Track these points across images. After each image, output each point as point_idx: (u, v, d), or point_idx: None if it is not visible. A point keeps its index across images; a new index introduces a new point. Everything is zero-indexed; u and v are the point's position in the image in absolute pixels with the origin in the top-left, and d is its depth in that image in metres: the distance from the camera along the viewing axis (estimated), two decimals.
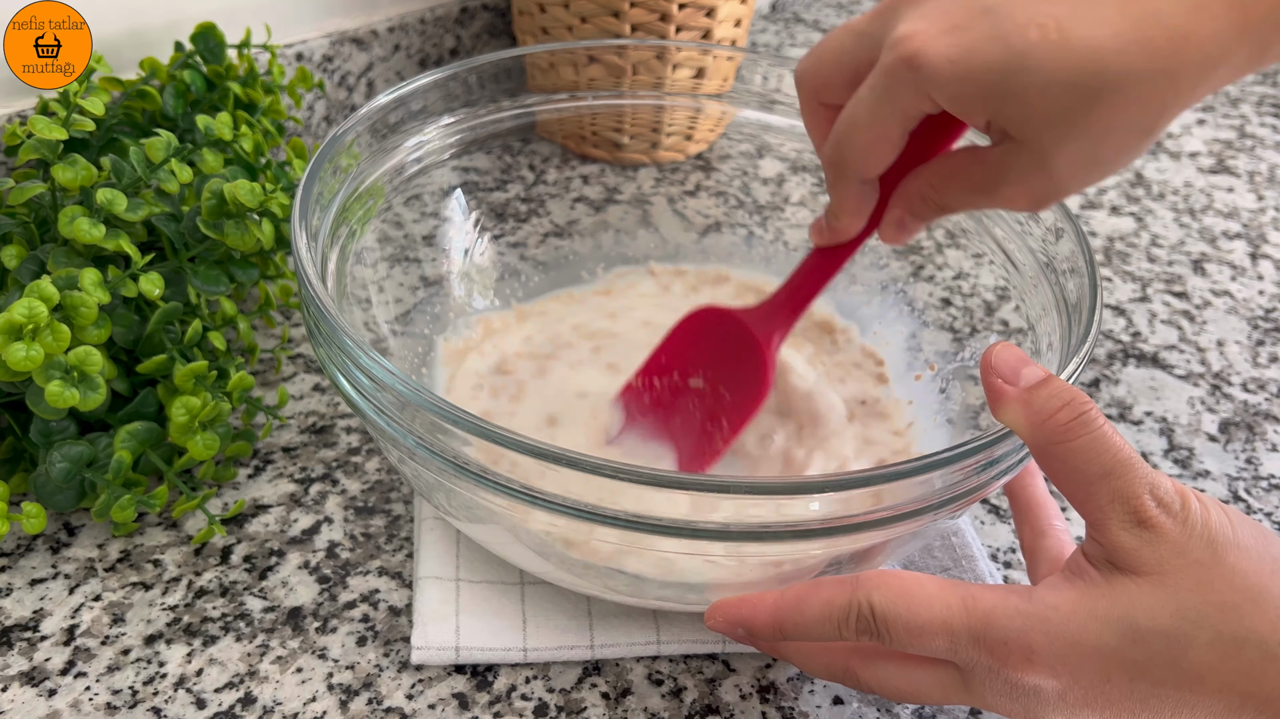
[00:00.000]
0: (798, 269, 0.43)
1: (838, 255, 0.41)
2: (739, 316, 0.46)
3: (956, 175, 0.35)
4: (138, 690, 0.37)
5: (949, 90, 0.31)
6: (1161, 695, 0.29)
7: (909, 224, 0.38)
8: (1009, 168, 0.32)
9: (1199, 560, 0.29)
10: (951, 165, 0.35)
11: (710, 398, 0.46)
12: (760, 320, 0.45)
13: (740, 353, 0.45)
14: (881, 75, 0.32)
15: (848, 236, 0.40)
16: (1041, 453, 0.31)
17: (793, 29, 1.05)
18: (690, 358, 0.47)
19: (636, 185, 0.63)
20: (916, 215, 0.37)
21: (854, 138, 0.34)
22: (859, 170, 0.35)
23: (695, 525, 0.32)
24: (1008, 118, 0.30)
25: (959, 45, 0.30)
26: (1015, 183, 0.32)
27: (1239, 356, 0.61)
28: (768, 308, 0.44)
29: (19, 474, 0.43)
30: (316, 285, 0.35)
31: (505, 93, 0.52)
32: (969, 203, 0.35)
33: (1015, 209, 0.34)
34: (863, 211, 0.38)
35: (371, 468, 0.47)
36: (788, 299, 0.44)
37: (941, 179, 0.35)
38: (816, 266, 0.42)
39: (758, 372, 0.45)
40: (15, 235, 0.43)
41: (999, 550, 0.47)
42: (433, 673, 0.39)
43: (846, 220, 0.38)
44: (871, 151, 0.34)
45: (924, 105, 0.32)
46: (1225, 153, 0.87)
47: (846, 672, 0.35)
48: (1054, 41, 0.28)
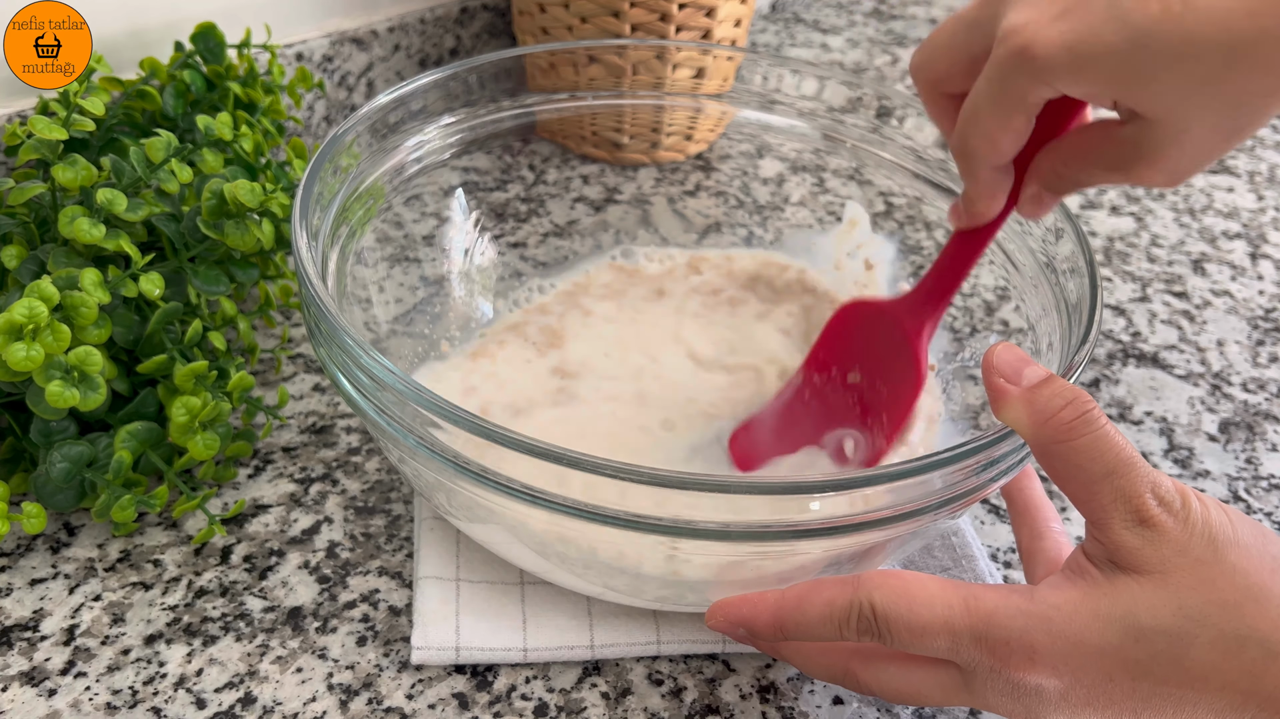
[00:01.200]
0: (941, 255, 0.42)
1: (979, 237, 0.41)
2: (888, 309, 0.45)
3: (1090, 152, 0.34)
4: (138, 690, 0.37)
5: (1069, 78, 0.30)
6: (1164, 694, 0.29)
7: (1046, 199, 0.37)
8: (1143, 145, 0.31)
9: (1200, 559, 0.29)
10: (1085, 142, 0.34)
11: (868, 393, 0.46)
12: (910, 310, 0.44)
13: (893, 345, 0.45)
14: (997, 68, 0.31)
15: (986, 220, 0.39)
16: (1043, 452, 0.31)
17: (793, 29, 1.05)
18: (846, 354, 0.47)
19: (636, 185, 0.63)
20: (1053, 190, 0.36)
21: (978, 129, 0.34)
22: (988, 159, 0.35)
23: (695, 525, 0.32)
24: (1136, 98, 0.30)
25: (1074, 30, 0.29)
26: (1152, 160, 0.31)
27: (1239, 357, 0.61)
28: (915, 297, 0.44)
29: (19, 474, 0.43)
30: (317, 285, 0.35)
31: (505, 93, 0.52)
32: (1104, 179, 0.34)
33: (1152, 185, 0.33)
34: (998, 196, 0.37)
35: (371, 468, 0.47)
36: (934, 286, 0.43)
37: (1075, 157, 0.34)
38: (959, 250, 0.42)
39: (911, 363, 0.44)
40: (15, 235, 0.43)
41: (999, 550, 0.47)
42: (433, 673, 0.39)
43: (983, 205, 0.38)
44: (997, 141, 0.34)
45: (1045, 93, 0.31)
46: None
47: (846, 673, 0.35)
48: (1178, 14, 0.27)
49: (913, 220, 0.53)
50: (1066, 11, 0.29)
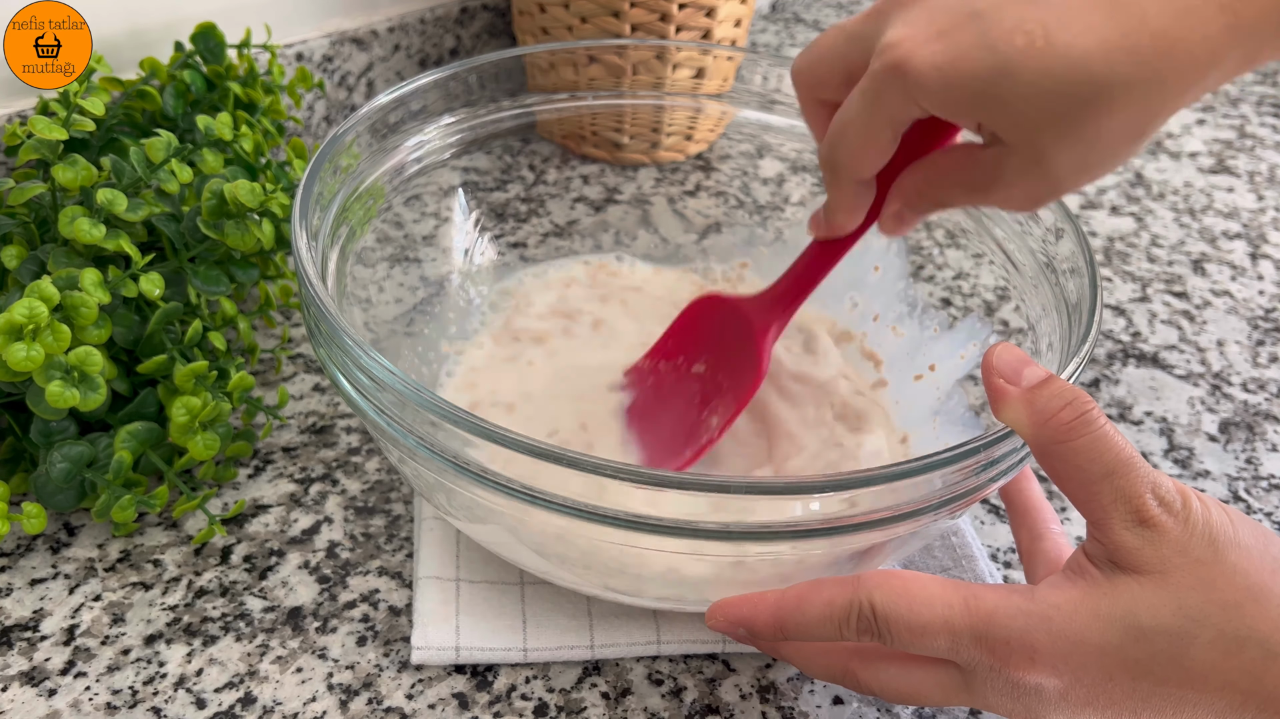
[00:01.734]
0: (797, 261, 0.44)
1: (836, 248, 0.42)
2: (740, 305, 0.46)
3: (952, 173, 0.35)
4: (138, 690, 0.37)
5: (936, 97, 0.31)
6: (1164, 694, 0.29)
7: (907, 217, 0.38)
8: (1002, 169, 0.32)
9: (1201, 559, 0.29)
10: (947, 163, 0.35)
11: (709, 384, 0.47)
12: (759, 310, 0.45)
13: (739, 341, 0.46)
14: (870, 81, 0.32)
15: (845, 232, 0.40)
16: (1043, 452, 0.31)
17: (793, 29, 1.05)
18: (693, 344, 0.48)
19: (636, 185, 0.63)
20: (914, 209, 0.37)
21: (846, 141, 0.35)
22: (853, 171, 0.36)
23: (695, 525, 0.32)
24: (997, 124, 0.31)
25: (945, 52, 0.30)
26: (1009, 184, 0.32)
27: (1239, 357, 0.61)
28: (767, 298, 0.45)
29: (19, 474, 0.43)
30: (317, 285, 0.35)
31: (505, 93, 0.52)
32: (965, 200, 0.35)
33: (1010, 209, 0.34)
34: (859, 209, 0.38)
35: (371, 468, 0.47)
36: (786, 290, 0.44)
37: (938, 176, 0.35)
38: (815, 259, 0.43)
39: (753, 361, 0.45)
40: (15, 235, 0.43)
41: (999, 550, 0.47)
42: (433, 673, 0.39)
43: (843, 217, 0.39)
44: (864, 155, 0.35)
45: (913, 111, 0.32)
46: (1225, 153, 0.87)
47: (846, 673, 0.35)
48: (1040, 49, 0.28)
49: None
50: (941, 34, 0.30)
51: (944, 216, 0.51)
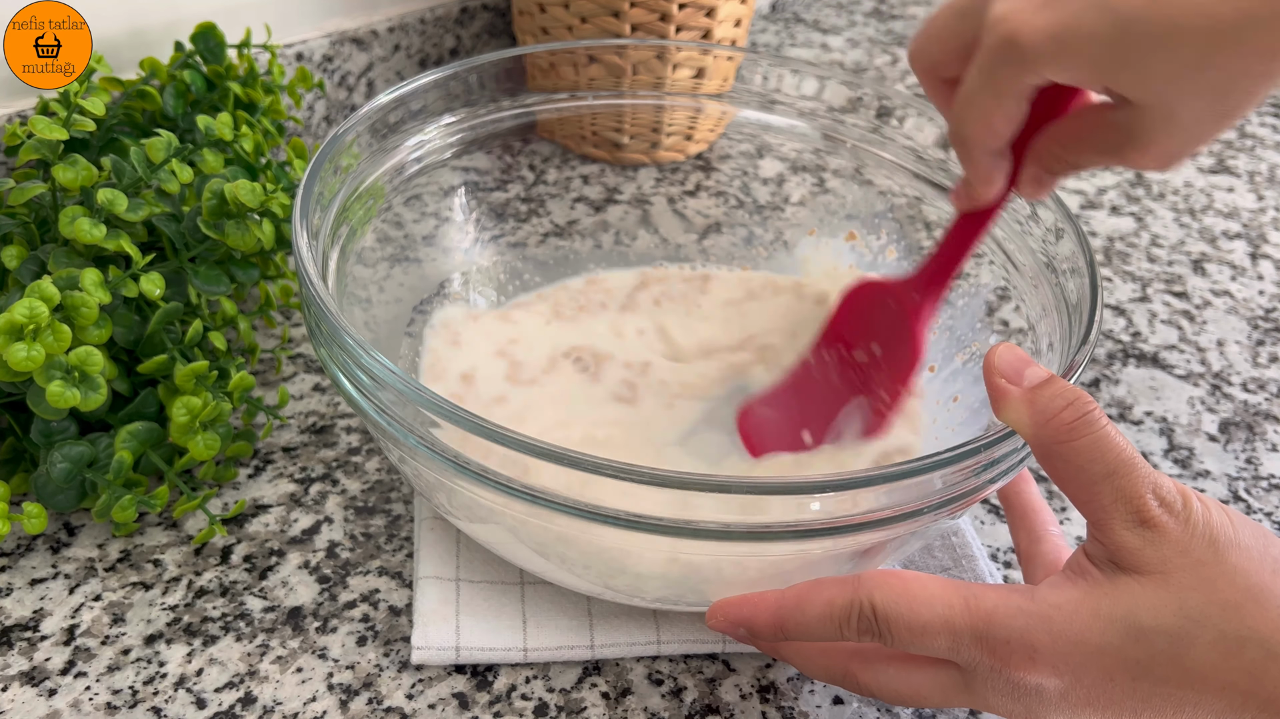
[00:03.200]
0: (944, 236, 0.43)
1: (980, 219, 0.41)
2: (893, 288, 0.46)
3: (1085, 136, 0.34)
4: (138, 690, 0.37)
5: (1055, 65, 0.30)
6: (1164, 694, 0.29)
7: (1046, 181, 0.37)
8: (1133, 130, 0.31)
9: (1201, 560, 0.29)
10: (1080, 126, 0.34)
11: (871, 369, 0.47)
12: (911, 290, 0.45)
13: (894, 324, 0.45)
14: (986, 57, 0.32)
15: (986, 202, 0.39)
16: (1044, 453, 0.31)
17: (793, 29, 1.05)
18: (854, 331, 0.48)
19: (636, 185, 0.63)
20: (1051, 173, 0.37)
21: (972, 116, 0.34)
22: (982, 144, 0.35)
23: (695, 525, 0.32)
24: (1123, 84, 0.30)
25: (1059, 19, 0.29)
26: (1144, 145, 0.32)
27: (1239, 357, 0.61)
28: (918, 277, 0.44)
29: (20, 474, 0.43)
30: (318, 285, 0.35)
31: (505, 93, 0.52)
32: (1100, 161, 0.34)
33: (1147, 169, 0.33)
34: (996, 179, 0.38)
35: (371, 468, 0.47)
36: (936, 267, 0.43)
37: (1071, 140, 0.35)
38: (961, 232, 0.42)
39: (909, 341, 0.45)
40: (16, 235, 0.43)
41: (999, 550, 0.47)
42: (433, 673, 0.39)
43: (981, 188, 0.38)
44: (990, 128, 0.34)
45: (1034, 80, 0.31)
46: (1225, 153, 0.87)
47: (846, 674, 0.35)
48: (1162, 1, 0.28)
49: (913, 220, 0.53)
50: (1052, 0, 0.30)
51: (944, 216, 0.51)
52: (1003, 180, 0.38)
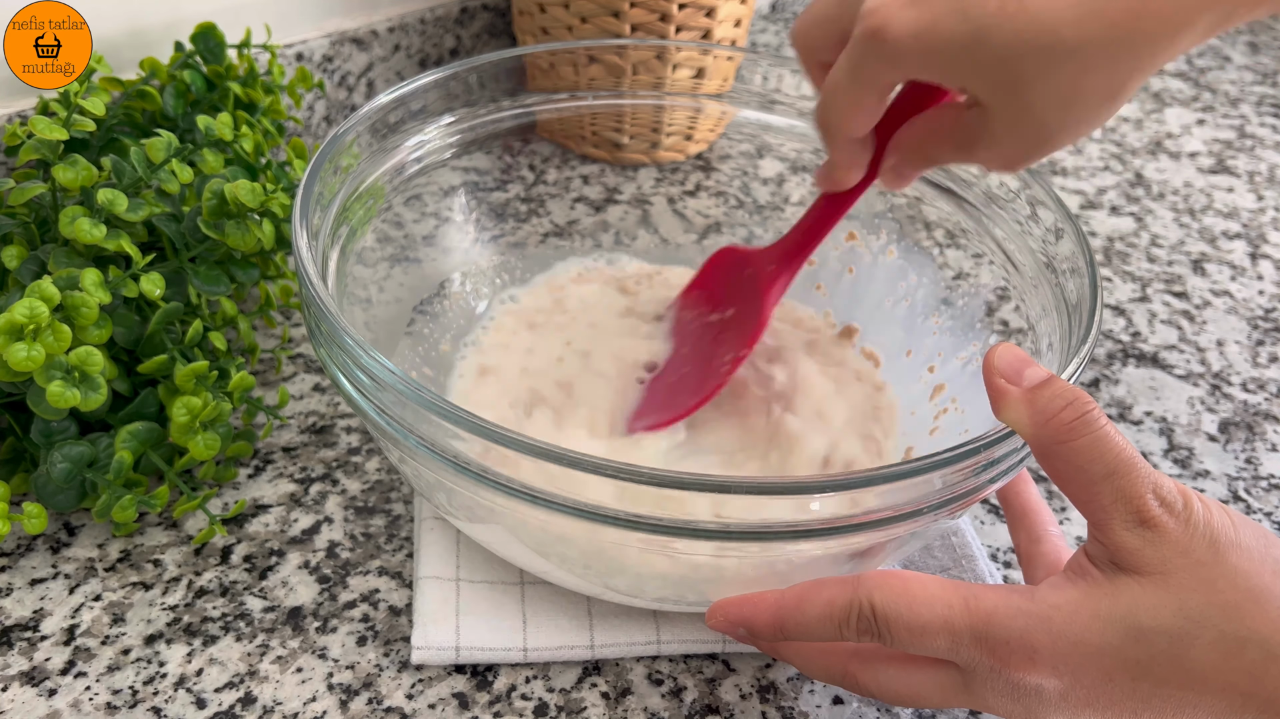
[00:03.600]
0: (806, 214, 0.45)
1: (842, 201, 0.43)
2: (753, 257, 0.47)
3: (942, 132, 0.36)
4: (138, 690, 0.37)
5: (914, 63, 0.31)
6: (1164, 695, 0.29)
7: (904, 172, 0.39)
8: (986, 129, 0.33)
9: (1201, 560, 0.29)
10: (938, 122, 0.36)
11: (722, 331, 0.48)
12: (769, 261, 0.46)
13: (748, 289, 0.47)
14: (853, 47, 0.33)
15: (848, 185, 0.41)
16: (1044, 453, 0.31)
17: None
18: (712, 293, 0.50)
19: (636, 185, 0.63)
20: (910, 165, 0.38)
21: (836, 103, 0.35)
22: (844, 131, 0.37)
23: (695, 525, 0.32)
24: (975, 87, 0.31)
25: (920, 19, 0.30)
26: (993, 144, 0.33)
27: (1239, 357, 0.61)
28: (777, 250, 0.46)
29: (20, 474, 0.43)
30: (318, 285, 0.35)
31: (505, 93, 0.52)
32: (955, 157, 0.36)
33: (996, 169, 0.35)
34: (857, 165, 0.39)
35: (371, 468, 0.47)
36: (795, 242, 0.45)
37: (929, 134, 0.36)
38: (823, 212, 0.44)
39: (756, 310, 0.46)
40: (16, 236, 0.43)
41: (999, 550, 0.47)
42: (433, 673, 0.39)
43: (842, 173, 0.40)
44: (852, 116, 0.35)
45: (894, 75, 0.33)
46: (1225, 153, 0.87)
47: (845, 674, 0.35)
48: (1012, 13, 0.29)
49: (913, 220, 0.53)
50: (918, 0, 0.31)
51: (944, 216, 0.51)
52: (862, 168, 0.39)
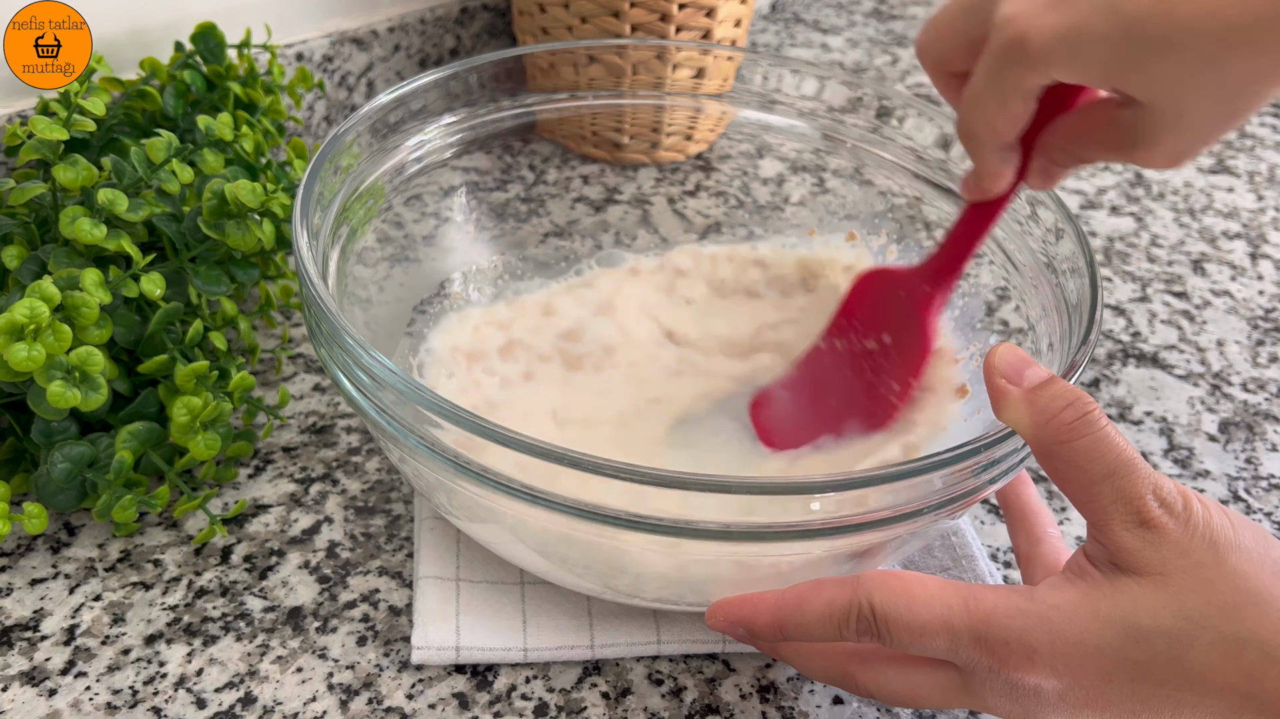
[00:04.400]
0: (954, 226, 0.43)
1: (990, 209, 0.41)
2: (904, 277, 0.45)
3: (1094, 132, 0.34)
4: (138, 690, 0.37)
5: (1062, 67, 0.30)
6: (1163, 696, 0.29)
7: (1054, 173, 0.38)
8: (1141, 129, 0.32)
9: (1201, 562, 0.29)
10: (1088, 122, 0.35)
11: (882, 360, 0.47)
12: (921, 280, 0.45)
13: (905, 314, 0.45)
14: (993, 58, 0.32)
15: (995, 194, 0.39)
16: (1044, 453, 0.31)
17: (793, 29, 1.05)
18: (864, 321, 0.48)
19: (636, 185, 0.63)
20: (1060, 165, 0.37)
21: (979, 115, 0.34)
22: (990, 141, 0.35)
23: (695, 525, 0.32)
24: (1131, 86, 0.30)
25: (1066, 21, 0.29)
26: (1150, 144, 0.32)
27: (1239, 356, 0.61)
28: (929, 266, 0.44)
29: (20, 474, 0.43)
30: (318, 285, 0.35)
31: (505, 92, 0.52)
32: (1108, 157, 0.35)
33: (1153, 167, 0.33)
34: (1004, 173, 0.38)
35: (371, 468, 0.47)
36: (947, 257, 0.43)
37: (1080, 135, 0.35)
38: (971, 222, 0.42)
39: (919, 332, 0.45)
40: (16, 236, 0.43)
41: (999, 550, 0.47)
42: (433, 673, 0.39)
43: (989, 181, 0.38)
44: (998, 125, 0.34)
45: (1040, 81, 0.32)
46: (1225, 153, 0.87)
47: (845, 675, 0.35)
48: (1169, 2, 0.28)
49: (913, 220, 0.53)
50: (1059, 2, 0.30)
51: (944, 216, 0.51)
52: (1011, 174, 0.38)
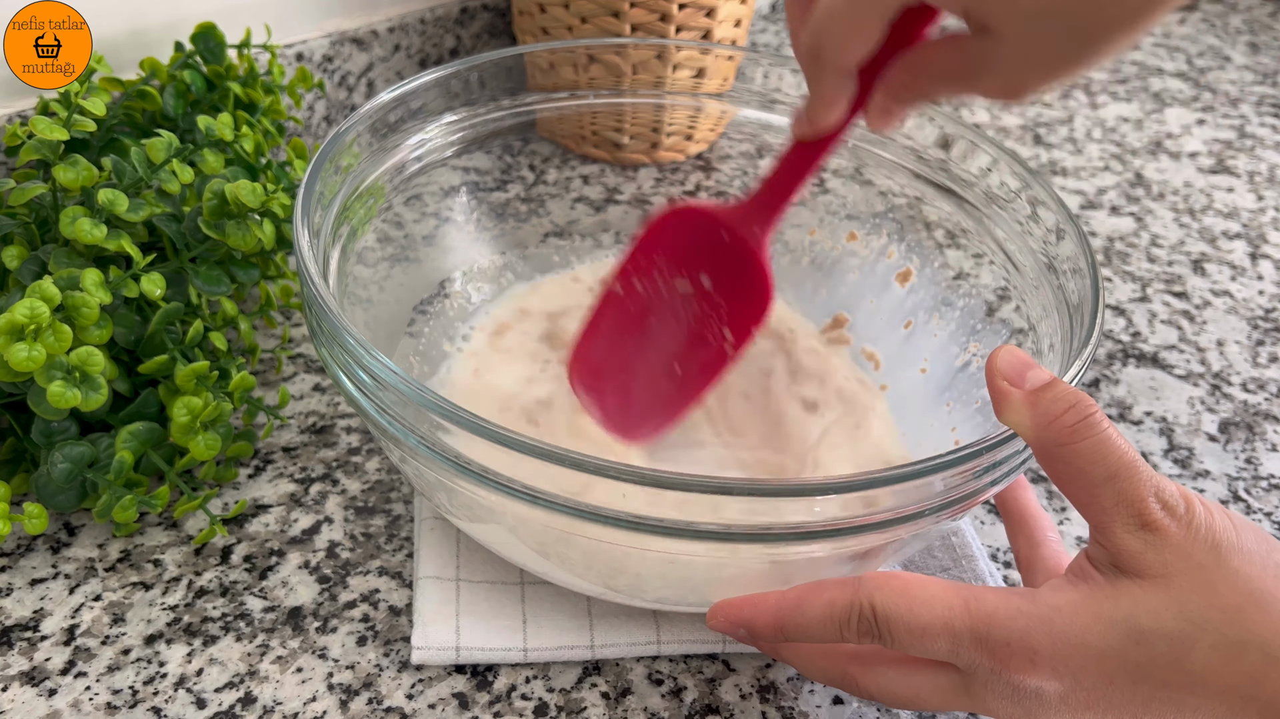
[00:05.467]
0: (778, 163, 0.41)
1: (818, 148, 0.40)
2: (721, 215, 0.43)
3: (936, 64, 0.33)
4: (138, 690, 0.37)
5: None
6: (1164, 698, 0.29)
7: (894, 110, 0.36)
8: (989, 58, 0.31)
9: (1203, 564, 0.29)
10: (931, 54, 0.34)
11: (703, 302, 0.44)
12: (743, 219, 0.42)
13: (728, 254, 0.43)
14: None
15: (828, 128, 0.38)
16: (1046, 455, 0.31)
17: None
18: (672, 260, 0.45)
19: (636, 185, 0.63)
20: (900, 102, 0.36)
21: (831, 28, 0.33)
22: (836, 61, 0.34)
23: (696, 526, 0.32)
24: (987, 10, 0.30)
25: None
26: (995, 73, 0.31)
27: (1239, 357, 0.61)
28: (749, 206, 0.42)
29: (20, 474, 0.43)
30: (319, 284, 0.35)
31: (505, 92, 0.52)
32: (950, 90, 0.34)
33: (992, 99, 0.33)
34: (840, 102, 0.37)
35: (371, 468, 0.47)
36: (770, 195, 0.42)
37: (921, 68, 0.34)
38: (798, 160, 0.41)
39: (754, 272, 0.43)
40: (16, 236, 0.43)
41: (999, 550, 0.47)
42: (433, 673, 0.39)
43: (824, 111, 0.37)
44: (849, 43, 0.33)
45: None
46: (1225, 153, 0.87)
47: (845, 676, 0.35)
48: None
49: (913, 220, 0.53)
50: None
51: (944, 216, 0.51)
52: (845, 106, 0.37)
